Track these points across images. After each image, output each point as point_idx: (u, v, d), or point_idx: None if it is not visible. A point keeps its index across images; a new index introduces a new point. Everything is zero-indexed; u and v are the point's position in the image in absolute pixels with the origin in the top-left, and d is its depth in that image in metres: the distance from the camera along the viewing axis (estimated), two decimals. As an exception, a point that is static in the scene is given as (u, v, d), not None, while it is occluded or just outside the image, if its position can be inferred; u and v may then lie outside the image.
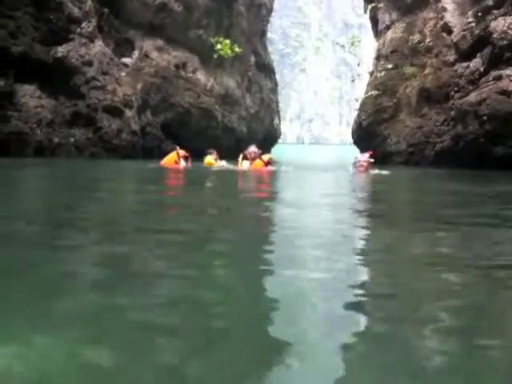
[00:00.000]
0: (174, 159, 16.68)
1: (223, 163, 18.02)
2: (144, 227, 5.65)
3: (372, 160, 16.90)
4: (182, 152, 16.97)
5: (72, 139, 19.75)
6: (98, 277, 3.56)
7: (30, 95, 19.10)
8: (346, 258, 4.38)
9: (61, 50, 20.13)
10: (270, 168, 16.56)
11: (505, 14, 19.83)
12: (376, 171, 16.39)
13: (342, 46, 41.38)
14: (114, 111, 21.41)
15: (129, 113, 22.32)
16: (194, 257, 4.29)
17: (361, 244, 5.23)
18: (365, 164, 16.32)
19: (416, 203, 9.47)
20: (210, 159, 17.90)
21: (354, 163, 16.66)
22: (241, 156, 16.97)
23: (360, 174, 15.74)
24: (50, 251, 4.33)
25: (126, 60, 24.50)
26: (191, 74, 28.10)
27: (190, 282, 3.49)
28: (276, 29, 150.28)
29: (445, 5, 24.75)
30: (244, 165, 16.66)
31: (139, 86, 23.86)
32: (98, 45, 22.14)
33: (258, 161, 16.50)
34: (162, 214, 7.06)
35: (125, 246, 4.63)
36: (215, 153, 18.38)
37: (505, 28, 19.01)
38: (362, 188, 12.44)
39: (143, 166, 17.46)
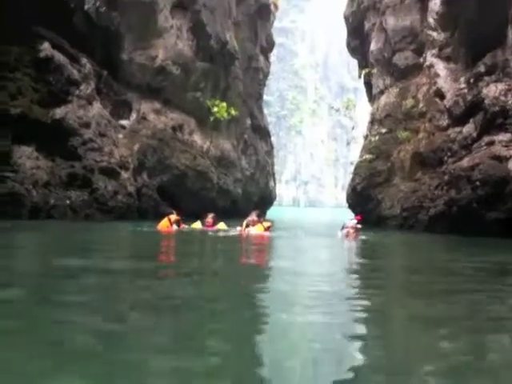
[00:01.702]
0: (167, 225, 16.75)
1: (224, 226, 18.15)
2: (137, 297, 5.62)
3: (360, 226, 16.88)
4: (173, 217, 17.04)
5: (68, 201, 19.75)
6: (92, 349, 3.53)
7: (27, 156, 19.20)
8: (340, 336, 4.36)
9: (59, 112, 20.36)
10: (269, 234, 16.75)
11: (496, 81, 20.21)
12: (363, 237, 16.44)
13: (337, 110, 42.10)
14: (111, 173, 21.54)
15: (125, 174, 22.46)
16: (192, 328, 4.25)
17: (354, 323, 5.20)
18: (352, 230, 16.23)
19: (411, 273, 9.44)
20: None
21: (342, 229, 16.66)
22: (244, 222, 17.14)
23: (348, 240, 15.73)
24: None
25: (123, 122, 24.81)
26: (188, 136, 28.42)
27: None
28: (273, 91, 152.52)
29: (437, 71, 25.27)
30: (246, 230, 16.93)
31: (136, 148, 24.09)
32: (96, 107, 22.45)
33: (258, 226, 16.75)
34: (154, 281, 7.02)
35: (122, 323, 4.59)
36: (212, 215, 18.40)
37: (496, 94, 19.34)
38: (355, 255, 12.42)
39: (138, 229, 17.41)
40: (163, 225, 16.80)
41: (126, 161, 22.92)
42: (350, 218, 17.60)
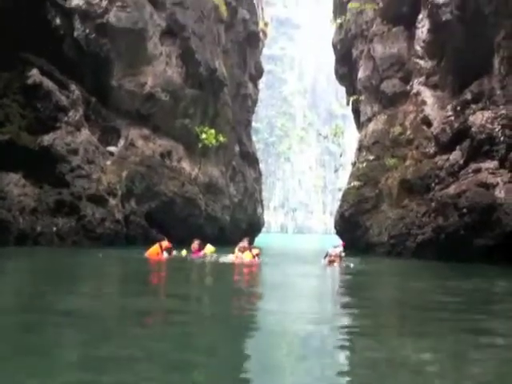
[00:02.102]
0: (157, 251, 16.66)
1: (211, 249, 18.31)
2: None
3: (343, 254, 17.19)
4: (164, 243, 17.00)
5: (54, 228, 19.63)
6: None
7: (14, 183, 19.13)
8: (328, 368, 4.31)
9: (47, 139, 20.33)
10: (258, 260, 17.09)
11: (483, 109, 20.41)
12: (351, 264, 16.63)
13: (326, 137, 42.38)
14: (98, 200, 21.45)
15: (113, 201, 22.37)
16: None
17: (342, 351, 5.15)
18: (336, 258, 16.53)
19: (398, 304, 9.41)
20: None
21: (326, 256, 16.92)
22: (236, 248, 17.36)
23: (332, 267, 16.04)
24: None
25: (111, 148, 24.77)
26: (176, 163, 28.39)
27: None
28: (262, 118, 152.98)
29: (425, 98, 25.49)
30: (237, 256, 17.11)
31: (124, 175, 24.03)
32: (85, 133, 22.42)
33: (247, 253, 17.05)
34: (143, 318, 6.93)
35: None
36: (197, 242, 18.42)
37: (483, 122, 19.50)
38: (341, 288, 12.38)
39: (127, 256, 17.29)
40: (153, 251, 16.69)
41: (114, 187, 22.85)
42: (333, 246, 17.83)
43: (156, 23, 26.93)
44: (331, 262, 16.34)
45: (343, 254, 17.15)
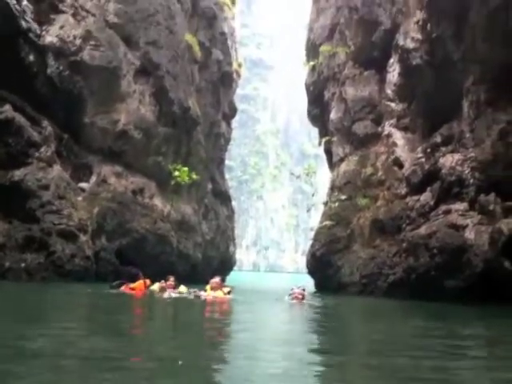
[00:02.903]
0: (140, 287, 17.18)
1: (184, 289, 18.42)
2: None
3: (305, 292, 18.24)
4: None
5: (23, 264, 19.32)
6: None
7: (-18, 218, 18.89)
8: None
9: (18, 174, 20.14)
10: (229, 297, 17.40)
11: (452, 151, 20.76)
12: (320, 303, 17.44)
13: (298, 177, 42.58)
14: (68, 236, 21.20)
15: (83, 237, 22.14)
16: None
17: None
18: (300, 296, 17.45)
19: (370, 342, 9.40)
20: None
21: (290, 294, 17.75)
22: (209, 285, 17.71)
23: (296, 304, 16.79)
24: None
25: (83, 185, 24.61)
26: (148, 200, 28.28)
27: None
28: (235, 156, 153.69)
29: (396, 140, 25.86)
30: (209, 294, 17.40)
31: (95, 211, 23.85)
32: (56, 169, 22.25)
33: (219, 291, 17.33)
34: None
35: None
36: (172, 278, 18.60)
37: (453, 164, 19.83)
38: (307, 320, 12.42)
39: (100, 292, 17.08)
40: (139, 286, 17.20)
41: (85, 224, 22.64)
42: (297, 286, 18.81)
43: (130, 62, 27.08)
44: (295, 299, 17.21)
45: (305, 292, 18.19)
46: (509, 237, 16.34)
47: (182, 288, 18.32)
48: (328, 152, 34.71)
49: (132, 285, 17.50)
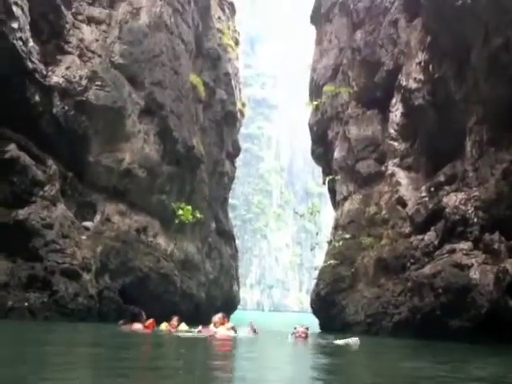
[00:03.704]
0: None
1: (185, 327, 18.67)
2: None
3: (308, 331, 18.51)
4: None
5: (26, 303, 19.22)
6: None
7: (-14, 258, 18.85)
8: None
9: (22, 213, 20.14)
10: (232, 334, 17.60)
11: (456, 190, 20.78)
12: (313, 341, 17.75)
13: (302, 216, 42.57)
14: (72, 274, 21.12)
15: (86, 276, 22.05)
16: None
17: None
18: (303, 334, 17.77)
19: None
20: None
21: (293, 333, 17.96)
22: (212, 323, 18.10)
23: (299, 343, 17.06)
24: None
25: (87, 223, 24.62)
26: (152, 239, 28.25)
27: None
28: (238, 195, 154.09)
29: (399, 179, 25.91)
30: (212, 330, 17.61)
31: (99, 250, 23.81)
32: (60, 208, 22.28)
33: (222, 328, 17.57)
34: None
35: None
36: (177, 318, 18.98)
37: (456, 203, 19.83)
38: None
39: (108, 331, 17.13)
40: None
41: (89, 262, 22.57)
42: (300, 324, 18.99)
43: (135, 102, 27.31)
44: (299, 338, 17.51)
45: (309, 331, 18.45)
46: (514, 276, 16.24)
47: (183, 326, 18.60)
48: (332, 191, 34.78)
49: (138, 324, 17.79)
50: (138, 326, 18.12)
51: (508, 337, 15.80)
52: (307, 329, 18.41)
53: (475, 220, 18.90)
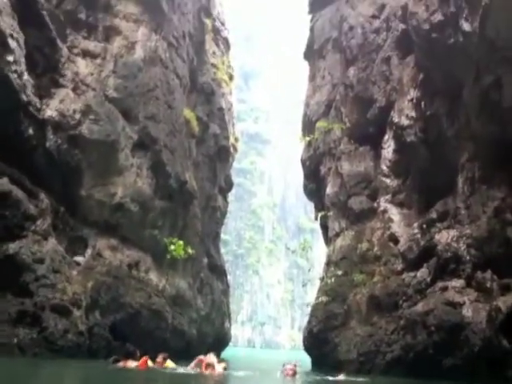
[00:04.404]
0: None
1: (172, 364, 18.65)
2: None
3: (297, 367, 18.75)
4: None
5: (15, 339, 18.94)
6: None
7: (-26, 293, 18.64)
8: None
9: (13, 247, 19.97)
10: (224, 372, 17.84)
11: (448, 227, 20.79)
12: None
13: (293, 252, 42.52)
14: (62, 310, 20.86)
15: (77, 312, 21.79)
16: None
17: None
18: (291, 372, 18.04)
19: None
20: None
21: (282, 371, 18.36)
22: (204, 362, 17.88)
23: (288, 380, 17.36)
24: None
25: (78, 258, 24.43)
26: (143, 274, 28.06)
27: None
28: (230, 230, 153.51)
29: (391, 216, 25.90)
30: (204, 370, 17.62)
31: (90, 285, 23.58)
32: (51, 242, 22.12)
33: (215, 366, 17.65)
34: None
35: None
36: (161, 356, 18.80)
37: (448, 241, 19.81)
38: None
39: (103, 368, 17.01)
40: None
41: (79, 298, 22.33)
42: (289, 361, 19.38)
43: (128, 136, 27.36)
44: (288, 375, 17.84)
45: (297, 368, 18.73)
46: (506, 315, 16.14)
47: (170, 363, 18.57)
48: (324, 227, 34.74)
49: (131, 361, 17.74)
50: (131, 364, 17.95)
51: (501, 375, 15.66)
52: (295, 365, 18.52)
53: (467, 258, 18.87)
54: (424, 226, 22.52)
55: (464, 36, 18.82)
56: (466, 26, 18.54)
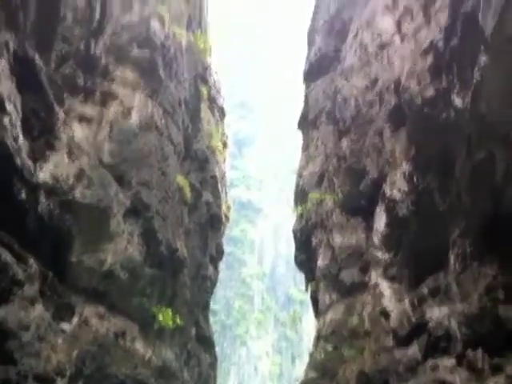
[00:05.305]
0: None
1: None
2: None
3: None
4: None
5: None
6: None
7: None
8: None
9: (-1, 313, 19.65)
10: None
11: (439, 304, 20.56)
12: None
13: (283, 324, 42.09)
14: (45, 380, 20.40)
15: (60, 382, 21.30)
16: None
17: None
18: None
19: None
20: None
21: None
22: None
23: None
24: None
25: (64, 326, 23.98)
26: (130, 344, 27.50)
27: None
28: (219, 299, 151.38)
29: (382, 290, 25.65)
30: None
31: (75, 354, 23.11)
32: (38, 308, 21.75)
33: None
34: None
35: None
36: None
37: (440, 318, 19.59)
38: None
39: None
40: None
41: (64, 368, 21.85)
42: None
43: (121, 201, 27.33)
44: None
45: None
46: (498, 397, 15.87)
47: None
48: (314, 299, 34.37)
49: None
50: None
51: None
52: None
53: (458, 336, 18.61)
54: (415, 301, 22.29)
55: (456, 111, 19.06)
56: (458, 102, 18.78)
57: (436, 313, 20.03)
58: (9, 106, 20.82)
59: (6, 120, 20.76)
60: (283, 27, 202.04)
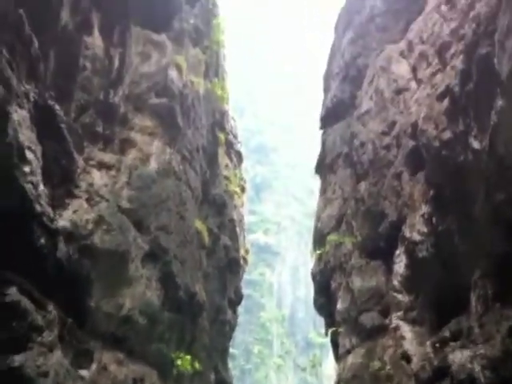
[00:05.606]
0: None
1: None
2: None
3: None
4: None
5: None
6: None
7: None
8: None
9: (18, 359, 19.45)
10: None
11: (462, 347, 20.21)
12: None
13: (303, 370, 41.56)
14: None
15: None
16: None
17: None
18: None
19: None
20: None
21: None
22: None
23: None
24: None
25: (83, 372, 23.85)
26: (148, 390, 27.31)
27: None
28: (238, 344, 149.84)
29: (403, 333, 25.31)
30: None
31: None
32: (57, 355, 21.64)
33: None
34: None
35: None
36: None
37: (462, 361, 19.20)
38: None
39: None
40: None
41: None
42: None
43: (139, 246, 27.42)
44: None
45: None
46: None
47: None
48: (334, 343, 33.97)
49: None
50: None
51: None
52: None
53: (482, 379, 18.20)
54: (437, 344, 21.94)
55: (474, 154, 19.04)
56: (476, 144, 18.77)
57: (458, 356, 19.65)
58: (29, 155, 21.10)
59: (26, 168, 21.04)
60: (283, 22, 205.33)
